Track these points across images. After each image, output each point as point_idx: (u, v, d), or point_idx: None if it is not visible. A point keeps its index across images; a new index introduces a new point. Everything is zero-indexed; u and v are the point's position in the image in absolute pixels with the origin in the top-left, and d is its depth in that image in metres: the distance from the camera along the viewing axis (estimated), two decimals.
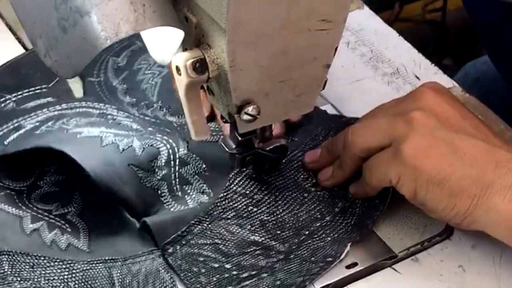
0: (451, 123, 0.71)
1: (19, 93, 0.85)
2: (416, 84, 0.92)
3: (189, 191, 0.77)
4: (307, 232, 0.74)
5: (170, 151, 0.78)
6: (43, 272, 0.68)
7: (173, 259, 0.71)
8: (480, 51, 1.74)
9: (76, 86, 0.85)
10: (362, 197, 0.76)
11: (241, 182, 0.76)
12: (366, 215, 0.75)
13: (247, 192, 0.76)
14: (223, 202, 0.75)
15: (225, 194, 0.75)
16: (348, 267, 0.72)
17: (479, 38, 1.14)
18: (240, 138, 0.73)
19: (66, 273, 0.68)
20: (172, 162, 0.77)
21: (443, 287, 0.72)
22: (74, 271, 0.69)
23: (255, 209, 0.75)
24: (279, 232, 0.73)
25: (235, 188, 0.76)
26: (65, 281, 0.68)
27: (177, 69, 0.66)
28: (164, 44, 0.67)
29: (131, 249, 0.72)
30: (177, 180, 0.77)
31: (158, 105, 0.84)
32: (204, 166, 0.78)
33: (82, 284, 0.68)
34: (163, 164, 0.77)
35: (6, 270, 0.67)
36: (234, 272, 0.70)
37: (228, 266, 0.71)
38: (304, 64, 0.68)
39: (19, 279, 0.67)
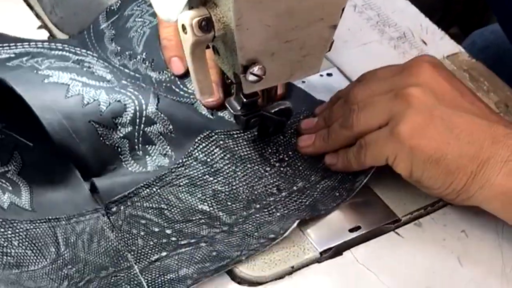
0: (448, 99, 0.70)
1: None
2: (423, 49, 0.91)
3: (151, 151, 0.75)
4: (258, 206, 0.72)
5: (138, 108, 0.76)
6: None
7: (115, 219, 0.70)
8: (487, 20, 1.73)
9: None
10: (340, 170, 0.75)
11: (205, 149, 0.75)
12: (322, 201, 0.73)
13: (208, 160, 0.74)
14: (179, 169, 0.73)
15: (184, 160, 0.74)
16: (351, 230, 0.72)
17: (489, 5, 1.13)
18: (245, 100, 0.73)
19: (9, 231, 0.67)
20: (137, 120, 0.76)
21: (446, 251, 0.71)
22: (17, 230, 0.68)
23: (211, 178, 0.73)
24: (229, 203, 0.72)
25: (197, 154, 0.74)
26: (8, 239, 0.67)
27: (183, 27, 0.65)
28: (170, 2, 0.66)
29: (75, 208, 0.71)
30: (140, 139, 0.75)
31: (142, 57, 0.82)
32: (171, 127, 0.76)
33: (26, 242, 0.67)
34: (127, 121, 0.75)
35: None
36: (173, 238, 0.69)
37: (168, 231, 0.70)
38: (310, 24, 0.67)
39: None
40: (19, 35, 0.85)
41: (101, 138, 0.74)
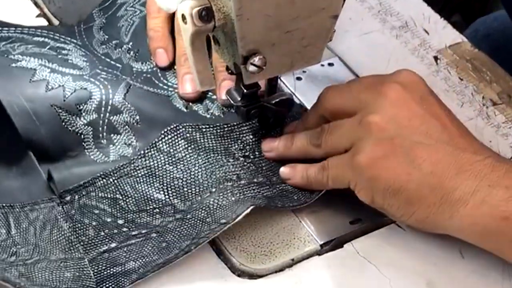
0: (415, 124, 0.67)
1: None
2: (425, 39, 0.90)
3: (115, 141, 0.75)
4: (214, 190, 0.71)
5: (104, 96, 0.76)
6: None
7: (68, 208, 0.70)
8: (490, 8, 1.72)
9: None
10: (297, 186, 0.72)
11: (170, 140, 0.74)
12: (280, 198, 0.71)
13: (171, 150, 0.73)
14: (140, 160, 0.73)
15: (146, 151, 0.73)
16: (352, 222, 0.72)
17: None
18: (245, 90, 0.72)
19: None
20: (102, 108, 0.75)
21: (447, 243, 0.71)
22: None
23: (170, 167, 0.72)
24: (185, 189, 0.71)
25: (161, 145, 0.73)
26: None
27: (183, 17, 0.65)
28: None
29: (30, 196, 0.71)
30: (105, 127, 0.75)
31: (128, 47, 0.82)
32: (138, 117, 0.76)
33: None
34: (92, 109, 0.75)
35: None
36: (125, 229, 0.69)
37: (120, 222, 0.69)
38: (311, 14, 0.66)
39: None
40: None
41: (63, 124, 0.74)
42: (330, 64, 0.86)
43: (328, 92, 0.73)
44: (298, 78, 0.84)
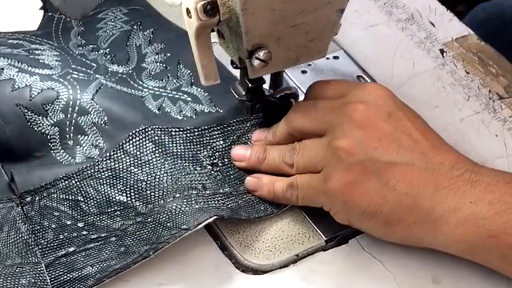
0: (385, 144, 0.65)
1: None
2: (431, 31, 0.90)
3: (82, 142, 0.74)
4: (177, 195, 0.69)
5: (71, 96, 0.75)
6: None
7: (28, 209, 0.69)
8: None
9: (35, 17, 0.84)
10: (264, 198, 0.70)
11: (137, 143, 0.72)
12: (245, 209, 0.70)
13: (138, 153, 0.72)
14: (104, 162, 0.72)
15: (112, 154, 0.72)
16: None
17: None
18: (250, 85, 0.72)
19: None
20: (70, 109, 0.75)
21: None
22: None
23: (135, 170, 0.71)
24: (148, 192, 0.70)
25: (127, 147, 0.72)
26: None
27: (187, 11, 0.64)
28: None
29: None
30: (72, 128, 0.74)
31: (105, 52, 0.82)
32: (106, 118, 0.75)
33: None
34: (59, 109, 0.74)
35: None
36: (84, 232, 0.67)
37: (80, 225, 0.68)
38: (317, 8, 0.66)
39: None
40: (22, 16, 0.85)
41: (29, 124, 0.73)
42: (336, 57, 0.86)
43: (295, 111, 0.71)
44: (303, 72, 0.83)
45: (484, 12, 1.14)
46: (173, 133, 0.73)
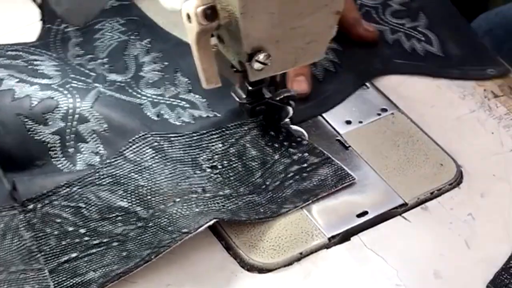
0: None
1: None
2: None
3: (83, 149, 0.75)
4: (178, 200, 0.70)
5: (71, 105, 0.76)
6: None
7: (30, 216, 0.69)
8: (493, 2, 1.72)
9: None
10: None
11: (137, 149, 0.73)
12: (245, 211, 0.71)
13: (138, 159, 0.73)
14: (105, 169, 0.72)
15: (112, 160, 0.73)
16: (358, 215, 0.72)
17: None
18: (250, 88, 0.73)
19: None
20: (69, 117, 0.75)
21: (453, 235, 0.72)
22: None
23: (136, 176, 0.72)
24: (149, 197, 0.70)
25: (127, 153, 0.73)
26: None
27: (188, 16, 0.65)
28: None
29: None
30: (72, 136, 0.75)
31: (103, 62, 0.83)
32: (106, 126, 0.76)
33: None
34: (59, 117, 0.75)
35: None
36: (86, 238, 0.68)
37: (82, 231, 0.69)
38: (315, 11, 0.67)
39: None
40: (24, 25, 0.86)
41: (29, 133, 0.74)
42: None
43: None
44: None
45: (487, 23, 1.15)
46: (172, 139, 0.74)
